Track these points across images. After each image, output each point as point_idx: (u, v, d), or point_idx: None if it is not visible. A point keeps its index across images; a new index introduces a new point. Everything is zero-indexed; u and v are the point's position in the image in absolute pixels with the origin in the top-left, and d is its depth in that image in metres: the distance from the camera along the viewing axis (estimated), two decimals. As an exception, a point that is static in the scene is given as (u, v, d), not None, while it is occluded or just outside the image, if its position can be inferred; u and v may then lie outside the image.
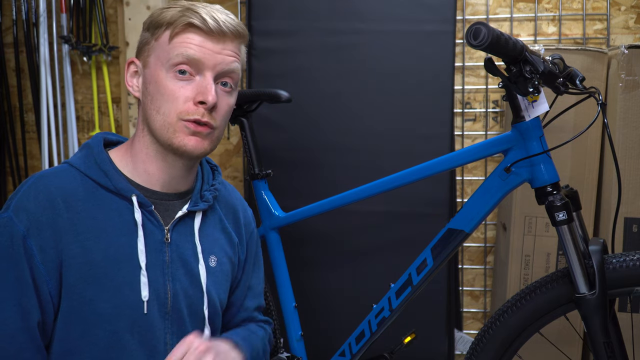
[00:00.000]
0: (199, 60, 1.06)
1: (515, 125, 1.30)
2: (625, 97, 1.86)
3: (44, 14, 2.29)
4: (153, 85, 1.08)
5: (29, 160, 2.46)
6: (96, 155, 1.11)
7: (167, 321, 1.10)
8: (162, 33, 1.08)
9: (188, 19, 1.05)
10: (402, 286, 1.46)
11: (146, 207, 1.09)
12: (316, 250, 2.12)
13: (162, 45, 1.07)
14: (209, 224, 1.19)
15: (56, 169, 1.10)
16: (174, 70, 1.06)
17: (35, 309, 1.02)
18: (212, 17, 1.06)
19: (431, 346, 2.08)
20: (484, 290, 2.29)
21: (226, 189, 1.28)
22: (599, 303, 1.25)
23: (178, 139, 1.07)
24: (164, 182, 1.13)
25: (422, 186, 1.88)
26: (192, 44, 1.06)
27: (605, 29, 2.16)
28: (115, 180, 1.09)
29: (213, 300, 1.17)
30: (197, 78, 1.07)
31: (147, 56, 1.10)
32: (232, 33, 1.08)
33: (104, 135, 1.17)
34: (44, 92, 2.29)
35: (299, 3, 2.13)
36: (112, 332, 1.05)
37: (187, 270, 1.13)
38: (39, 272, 1.02)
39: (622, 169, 1.85)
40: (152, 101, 1.08)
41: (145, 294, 1.07)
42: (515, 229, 2.01)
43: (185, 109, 1.06)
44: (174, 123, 1.06)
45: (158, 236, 1.10)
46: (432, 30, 2.07)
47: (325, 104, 2.12)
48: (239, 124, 1.77)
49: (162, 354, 1.09)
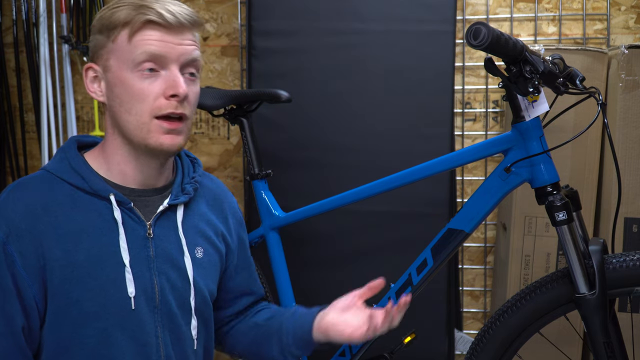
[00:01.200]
0: (163, 55, 1.05)
1: (515, 125, 1.30)
2: (625, 97, 1.86)
3: (44, 14, 2.29)
4: (119, 88, 1.07)
5: (29, 160, 2.46)
6: (70, 159, 1.11)
7: (156, 315, 1.11)
8: (118, 34, 1.06)
9: (145, 17, 1.04)
10: (402, 286, 1.46)
11: (125, 204, 1.10)
12: (316, 250, 2.12)
13: (121, 46, 1.06)
14: (192, 216, 1.19)
15: (33, 176, 1.10)
16: (139, 69, 1.05)
17: (19, 314, 1.03)
18: (167, 10, 1.05)
19: (431, 346, 2.08)
20: (484, 290, 2.29)
21: (210, 180, 1.29)
22: (599, 303, 1.25)
23: (153, 138, 1.07)
24: (140, 180, 1.13)
25: (422, 186, 1.87)
26: (152, 40, 1.05)
27: (605, 29, 2.16)
28: (91, 181, 1.09)
29: (201, 291, 1.17)
30: (162, 73, 1.06)
31: (107, 59, 1.08)
32: (189, 23, 1.08)
33: (77, 138, 1.17)
34: (44, 92, 2.29)
35: (299, 3, 2.13)
36: (101, 330, 1.06)
37: (173, 264, 1.14)
38: (21, 277, 1.02)
39: (622, 169, 1.85)
40: (121, 103, 1.07)
41: (131, 290, 1.07)
42: (515, 229, 2.01)
43: (157, 105, 1.06)
44: (147, 122, 1.06)
45: (140, 232, 1.11)
46: (432, 30, 2.07)
47: (325, 104, 2.12)
48: (239, 124, 1.77)
49: (153, 346, 1.10)
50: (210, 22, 2.34)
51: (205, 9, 2.34)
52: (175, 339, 1.13)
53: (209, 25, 2.34)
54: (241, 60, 2.32)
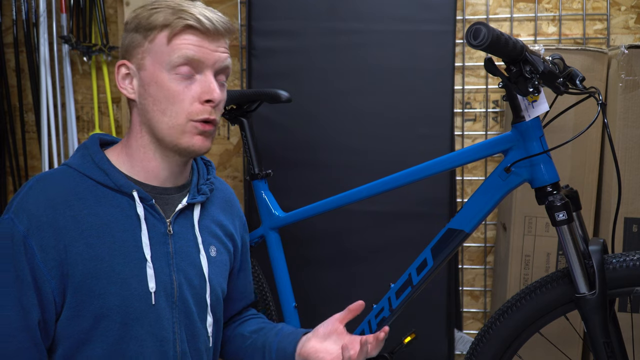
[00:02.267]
0: (199, 60, 1.08)
1: (515, 125, 1.30)
2: (625, 97, 1.87)
3: (44, 14, 2.29)
4: (154, 88, 1.09)
5: (29, 160, 2.46)
6: (93, 155, 1.12)
7: (174, 311, 1.13)
8: (156, 35, 1.09)
9: (185, 21, 1.07)
10: (402, 286, 1.46)
11: (147, 201, 1.12)
12: (316, 250, 2.12)
13: (159, 47, 1.09)
14: (206, 216, 1.22)
15: (55, 171, 1.11)
16: (176, 72, 1.08)
17: (35, 308, 1.03)
18: (205, 17, 1.08)
19: (431, 346, 2.08)
20: (484, 290, 2.29)
21: (220, 183, 1.33)
22: (599, 303, 1.25)
23: (185, 139, 1.10)
24: (163, 177, 1.16)
25: (422, 186, 1.88)
26: (191, 44, 1.08)
27: (605, 29, 2.16)
28: (114, 177, 1.10)
29: (215, 289, 1.20)
30: (197, 77, 1.10)
31: (142, 58, 1.10)
32: (225, 31, 1.12)
33: (100, 136, 1.19)
34: (44, 92, 2.29)
35: (299, 3, 2.13)
36: (122, 324, 1.07)
37: (190, 261, 1.16)
38: (40, 271, 1.03)
39: (622, 169, 1.85)
40: (155, 103, 1.10)
41: (152, 285, 1.09)
42: (515, 229, 2.01)
43: (193, 109, 1.09)
44: (183, 124, 1.09)
45: (161, 229, 1.13)
46: (432, 30, 2.07)
47: (325, 104, 2.12)
48: (239, 124, 1.77)
49: (170, 342, 1.12)
50: (210, 22, 2.34)
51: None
52: (190, 335, 1.15)
53: (209, 25, 2.34)
54: (241, 60, 2.32)
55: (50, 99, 2.30)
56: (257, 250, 1.83)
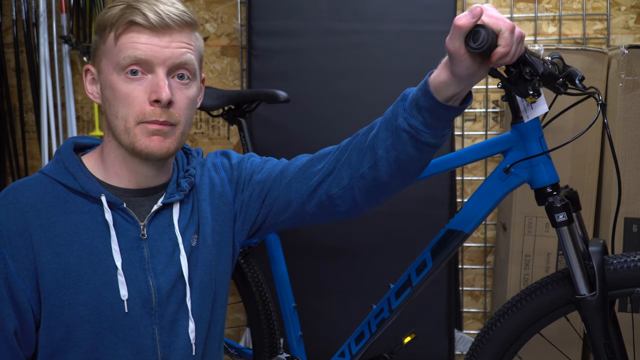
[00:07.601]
0: (148, 59, 1.01)
1: (514, 125, 1.30)
2: (625, 97, 1.86)
3: (44, 14, 2.29)
4: (108, 90, 1.05)
5: (29, 160, 2.46)
6: (65, 160, 1.09)
7: (153, 317, 1.08)
8: (107, 35, 1.03)
9: (129, 18, 1.00)
10: (402, 287, 1.46)
11: (117, 205, 1.07)
12: (316, 251, 2.12)
13: (109, 48, 1.04)
14: (190, 210, 1.15)
15: (28, 179, 1.09)
16: (125, 72, 1.03)
17: (11, 318, 1.02)
18: (154, 11, 1.01)
19: (431, 346, 2.08)
20: (484, 290, 2.29)
21: (203, 166, 1.22)
22: (599, 304, 1.24)
23: (139, 142, 1.04)
24: (137, 181, 1.11)
25: (422, 186, 1.87)
26: (137, 42, 1.01)
27: (605, 29, 2.15)
28: (83, 182, 1.07)
29: (198, 289, 1.13)
30: (149, 76, 1.03)
31: (99, 61, 1.06)
32: (177, 24, 1.03)
33: (75, 140, 1.15)
34: (44, 92, 2.29)
35: (299, 3, 2.13)
36: (94, 334, 1.04)
37: (169, 263, 1.11)
38: (14, 281, 1.01)
39: (622, 169, 1.85)
40: (110, 107, 1.06)
41: (123, 293, 1.05)
42: (515, 229, 2.01)
43: (141, 110, 1.03)
44: (133, 127, 1.03)
45: (133, 233, 1.08)
46: (432, 30, 2.07)
47: (325, 104, 2.12)
48: (237, 124, 1.77)
49: (149, 350, 1.08)
50: (210, 22, 2.34)
51: (205, 9, 2.33)
52: (174, 341, 1.10)
53: (209, 25, 2.34)
54: (241, 60, 2.31)
55: (50, 99, 2.30)
56: (257, 250, 1.83)
